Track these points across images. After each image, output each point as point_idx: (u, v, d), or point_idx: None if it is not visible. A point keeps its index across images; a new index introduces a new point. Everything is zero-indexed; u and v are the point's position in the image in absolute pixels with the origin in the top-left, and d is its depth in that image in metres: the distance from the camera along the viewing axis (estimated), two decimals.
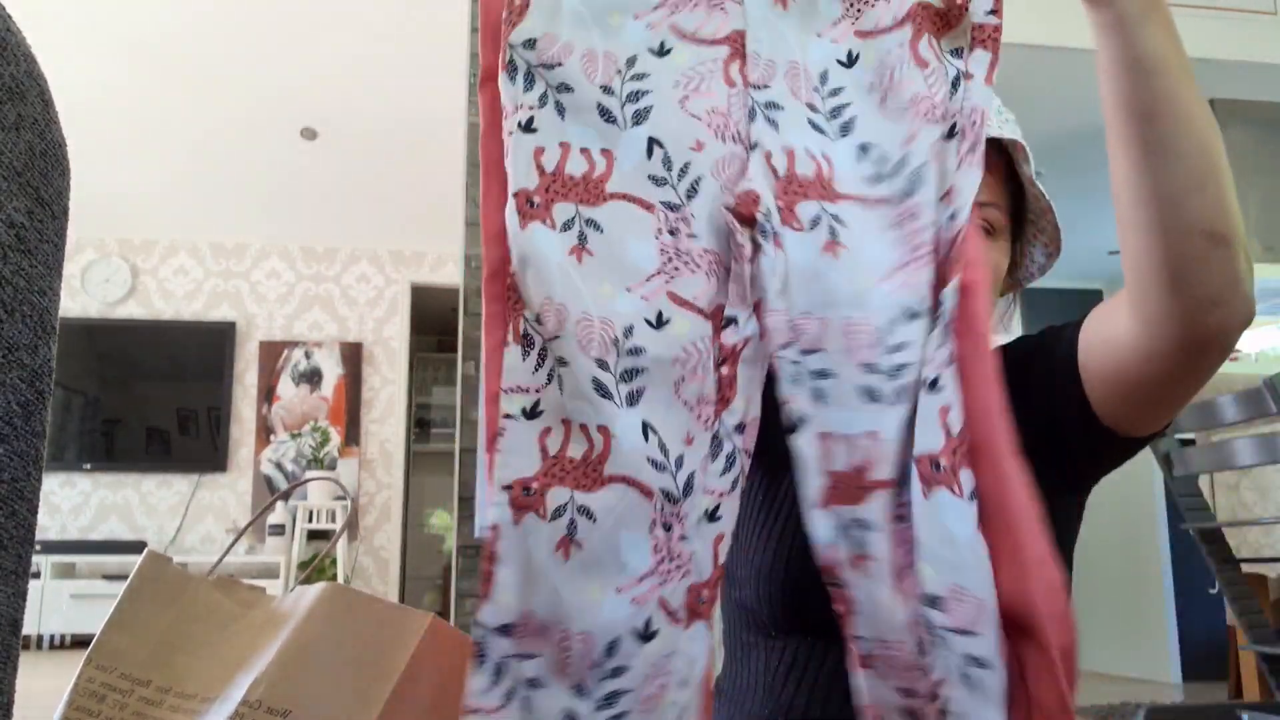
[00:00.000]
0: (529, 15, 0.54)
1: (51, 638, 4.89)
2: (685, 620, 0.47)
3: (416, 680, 0.48)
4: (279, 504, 5.27)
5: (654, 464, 0.47)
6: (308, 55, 4.18)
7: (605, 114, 0.53)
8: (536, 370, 0.49)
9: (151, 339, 5.55)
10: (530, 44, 0.54)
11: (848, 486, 0.48)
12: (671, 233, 0.51)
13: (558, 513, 0.47)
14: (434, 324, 6.57)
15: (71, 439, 5.36)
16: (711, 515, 0.49)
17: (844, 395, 0.49)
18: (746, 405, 0.50)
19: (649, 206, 0.51)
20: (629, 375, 0.48)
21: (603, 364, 0.48)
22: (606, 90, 0.53)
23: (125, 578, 0.58)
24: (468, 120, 3.55)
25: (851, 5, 0.55)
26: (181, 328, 5.61)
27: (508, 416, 0.48)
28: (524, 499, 0.47)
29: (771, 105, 0.53)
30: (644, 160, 0.52)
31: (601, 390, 0.48)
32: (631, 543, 0.46)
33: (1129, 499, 4.12)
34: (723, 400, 0.49)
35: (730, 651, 0.83)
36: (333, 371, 5.71)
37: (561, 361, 0.49)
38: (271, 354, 5.68)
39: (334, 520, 5.13)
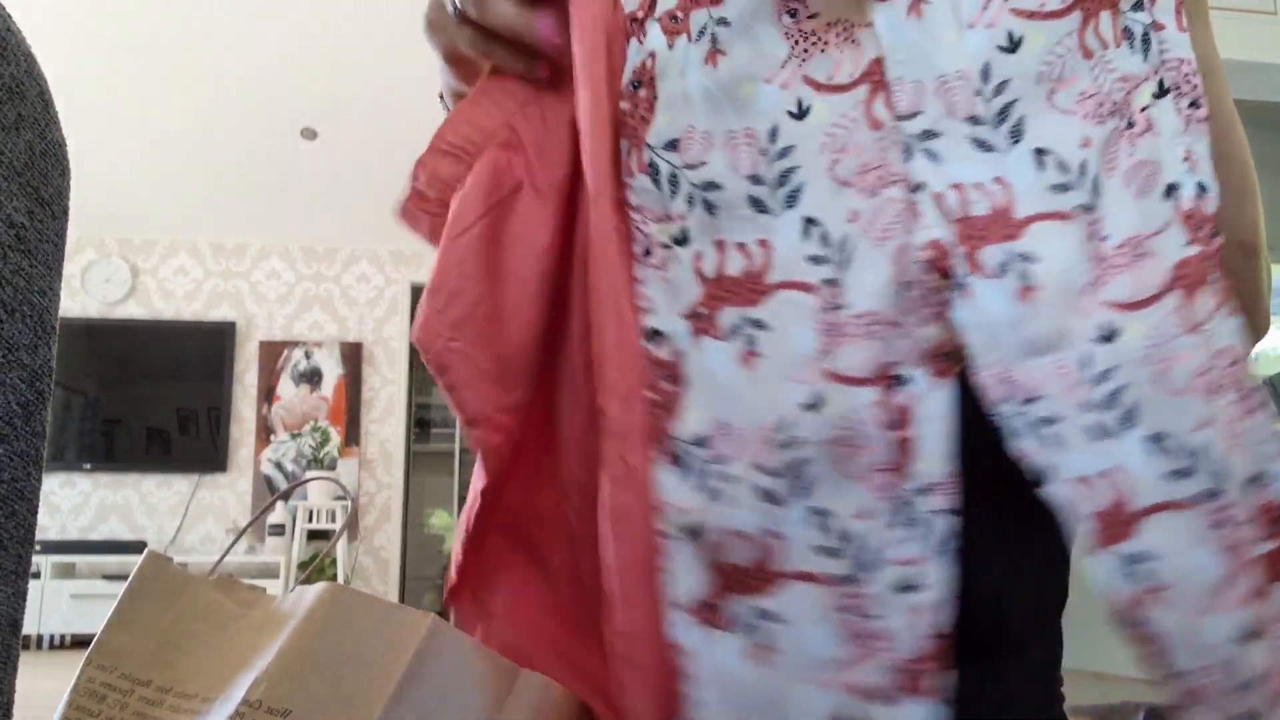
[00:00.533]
0: (660, 110, 0.52)
1: (51, 638, 4.89)
2: (894, 698, 0.45)
3: (416, 680, 0.48)
4: (279, 504, 5.27)
5: (824, 550, 0.46)
6: (308, 55, 4.18)
7: (757, 204, 0.50)
8: (697, 491, 0.48)
9: (151, 339, 5.55)
10: (672, 145, 0.51)
11: (1111, 524, 0.45)
12: (833, 309, 0.48)
13: (740, 622, 0.46)
14: None
15: (71, 439, 5.36)
16: (905, 587, 0.46)
17: (1074, 437, 0.46)
18: (933, 466, 0.47)
19: (810, 289, 0.49)
20: (794, 469, 0.47)
21: (768, 470, 0.47)
22: (755, 180, 0.50)
23: (125, 578, 0.58)
24: None
25: None
26: (181, 328, 5.61)
27: (666, 536, 0.48)
28: (706, 615, 0.47)
29: (928, 134, 0.49)
30: (801, 242, 0.49)
31: (770, 498, 0.47)
32: (816, 634, 0.46)
33: None
34: (897, 467, 0.47)
35: None
36: (333, 371, 5.71)
37: (727, 478, 0.47)
38: (271, 354, 5.68)
39: (334, 520, 5.13)
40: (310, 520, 5.09)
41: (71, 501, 5.36)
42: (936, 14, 0.50)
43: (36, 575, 4.74)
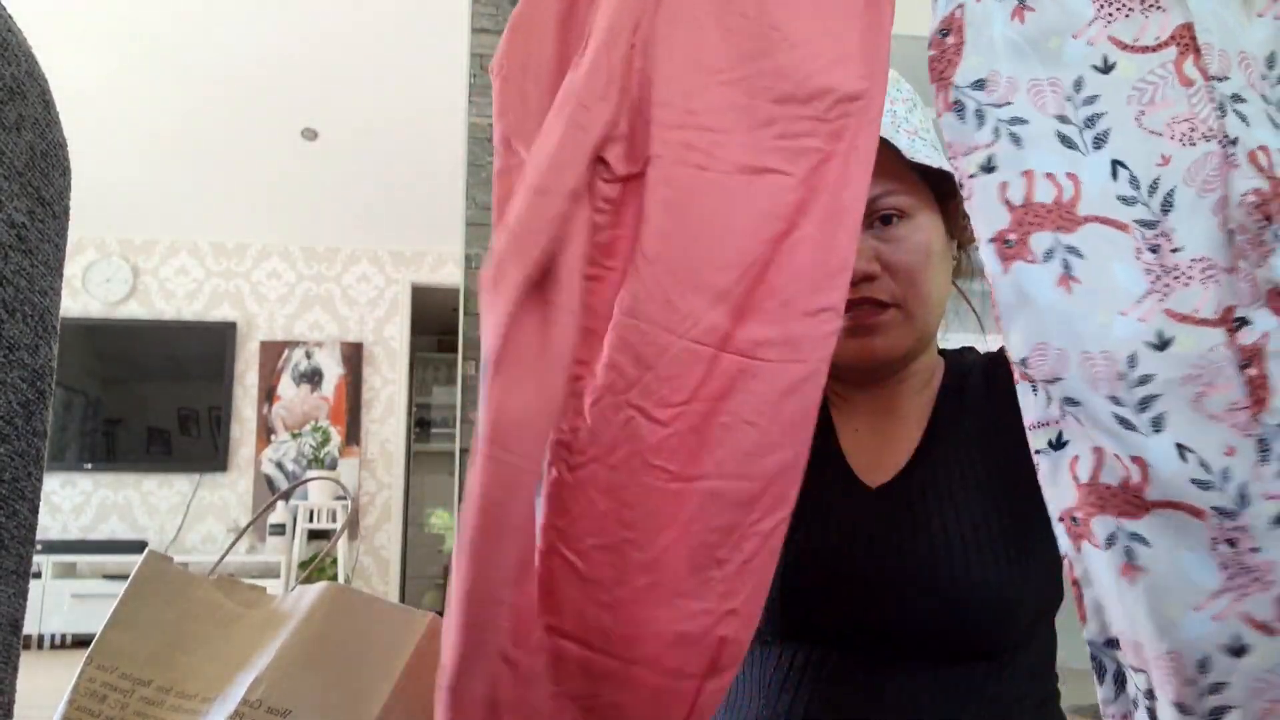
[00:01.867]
0: (967, 53, 0.54)
1: (52, 638, 4.89)
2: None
3: (416, 680, 0.48)
4: (279, 504, 5.27)
5: (1199, 483, 0.46)
6: (308, 55, 4.18)
7: (1065, 140, 0.52)
8: (1048, 405, 0.50)
9: (152, 339, 5.55)
10: (979, 84, 0.54)
11: None
12: (1153, 250, 0.50)
13: (1110, 540, 0.47)
14: (434, 324, 6.58)
15: (72, 439, 5.36)
16: None
17: None
18: None
19: (1123, 227, 0.50)
20: (1145, 403, 0.48)
21: (1116, 399, 0.48)
22: (1062, 119, 0.52)
23: (126, 577, 0.58)
24: (468, 120, 3.54)
25: None
26: (182, 328, 5.61)
27: (1038, 451, 0.50)
28: (1075, 528, 0.49)
29: (1237, 98, 0.51)
30: (1110, 183, 0.51)
31: (1124, 423, 0.48)
32: (1195, 562, 0.46)
33: None
34: (1257, 402, 0.47)
35: None
36: (333, 371, 5.71)
37: (1071, 401, 0.49)
38: (272, 354, 5.69)
39: (334, 520, 5.13)
40: (310, 520, 5.09)
41: (72, 501, 5.36)
42: None
43: (37, 575, 4.74)
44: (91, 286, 5.55)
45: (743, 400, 0.50)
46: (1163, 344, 0.48)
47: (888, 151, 0.73)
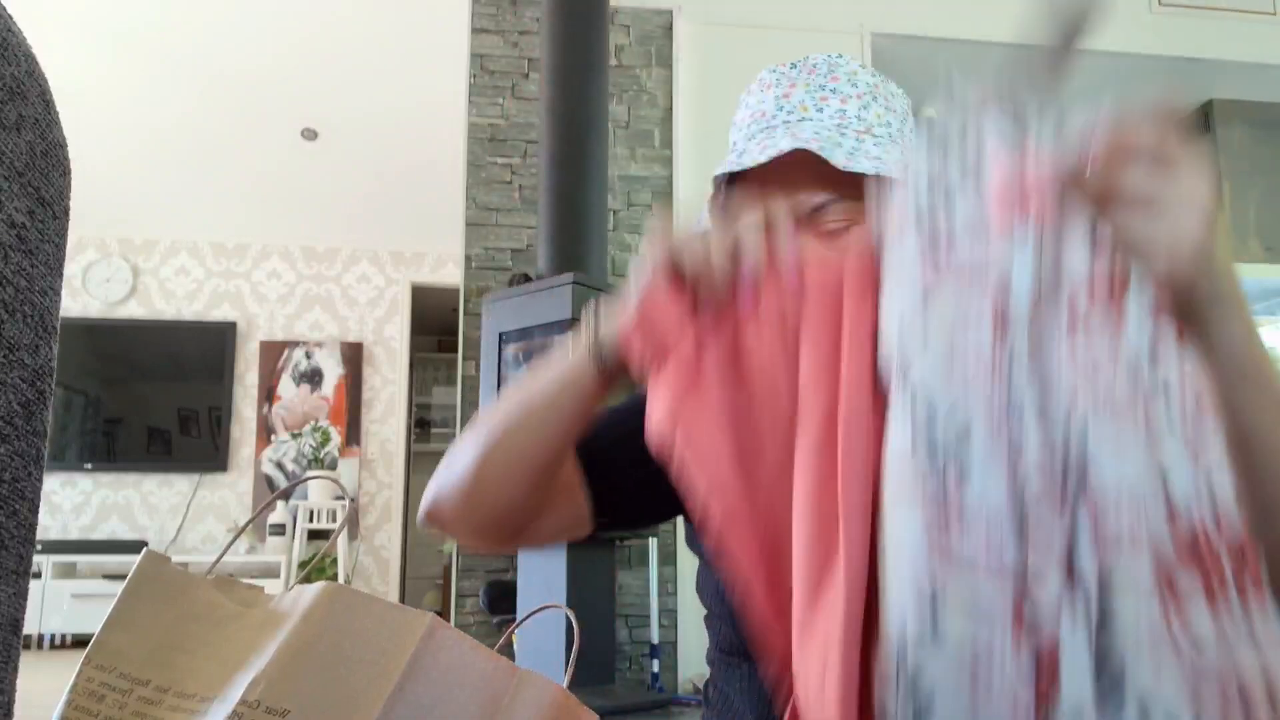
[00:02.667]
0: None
1: (52, 637, 4.89)
2: None
3: (415, 680, 0.48)
4: (279, 503, 5.27)
5: None
6: (308, 55, 4.18)
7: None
8: None
9: (152, 339, 5.56)
10: None
11: None
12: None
13: None
14: (434, 324, 6.58)
15: (73, 439, 5.36)
16: None
17: None
18: None
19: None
20: None
21: None
22: None
23: (126, 577, 0.58)
24: (468, 120, 3.55)
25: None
26: (182, 328, 5.61)
27: None
28: None
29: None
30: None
31: None
32: None
33: None
34: None
35: (715, 665, 0.84)
36: (333, 371, 5.71)
37: None
38: (272, 354, 5.69)
39: (334, 520, 5.13)
40: (310, 520, 5.10)
41: (73, 501, 5.36)
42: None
43: (37, 575, 4.75)
44: (91, 286, 5.55)
45: None
46: None
47: (813, 159, 0.71)
